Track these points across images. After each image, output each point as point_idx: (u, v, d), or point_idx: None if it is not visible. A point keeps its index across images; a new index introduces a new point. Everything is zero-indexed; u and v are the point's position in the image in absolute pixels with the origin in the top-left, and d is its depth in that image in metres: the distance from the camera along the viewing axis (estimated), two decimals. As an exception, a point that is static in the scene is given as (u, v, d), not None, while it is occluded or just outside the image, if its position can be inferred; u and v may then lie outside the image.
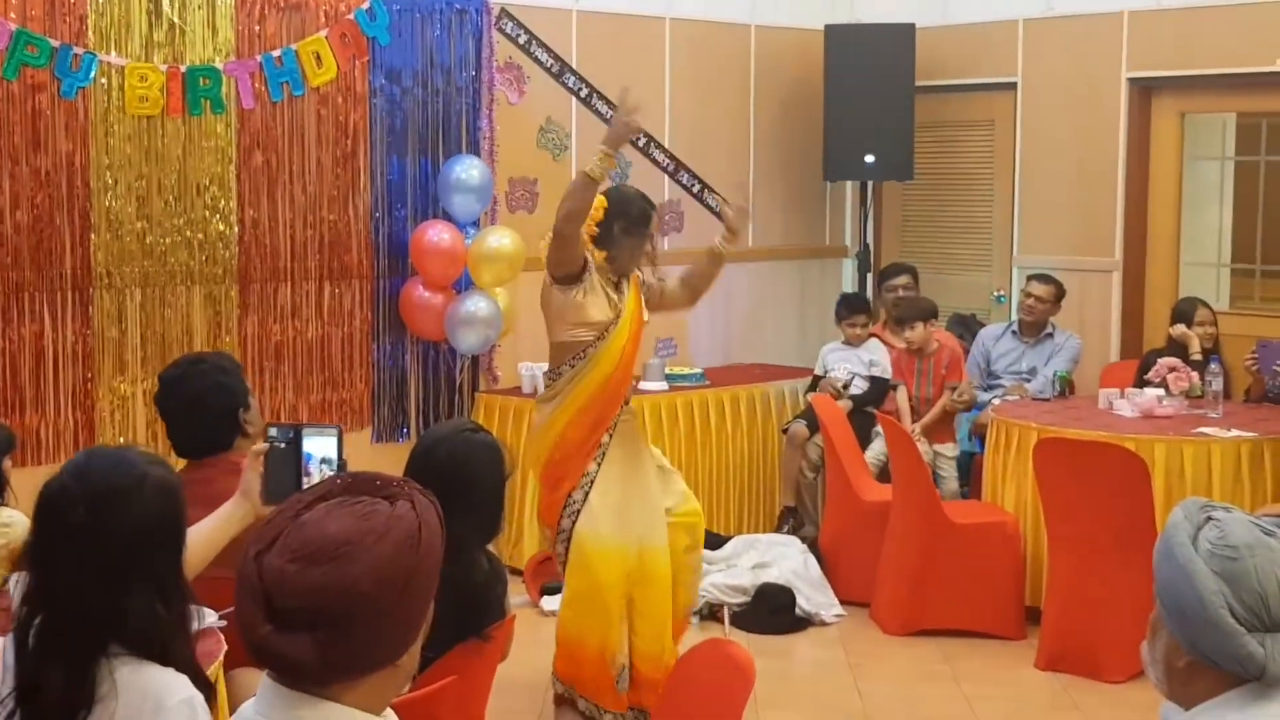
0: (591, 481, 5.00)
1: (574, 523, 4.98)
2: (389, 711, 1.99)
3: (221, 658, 3.19)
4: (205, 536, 3.24)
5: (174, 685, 2.47)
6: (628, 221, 5.08)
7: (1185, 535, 2.19)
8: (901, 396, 7.24)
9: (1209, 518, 2.22)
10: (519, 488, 6.76)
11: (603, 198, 5.09)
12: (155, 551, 2.56)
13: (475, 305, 6.96)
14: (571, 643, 4.99)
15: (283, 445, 3.30)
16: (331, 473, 3.26)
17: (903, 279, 7.98)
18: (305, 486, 3.23)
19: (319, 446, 3.31)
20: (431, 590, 1.94)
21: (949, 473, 7.09)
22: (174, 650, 2.52)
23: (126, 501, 2.55)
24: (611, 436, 5.05)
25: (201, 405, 3.86)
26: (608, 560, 4.94)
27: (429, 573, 1.92)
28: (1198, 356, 6.78)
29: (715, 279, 5.46)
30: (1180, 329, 7.06)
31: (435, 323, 7.01)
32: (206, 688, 2.54)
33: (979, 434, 7.13)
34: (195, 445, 3.89)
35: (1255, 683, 2.13)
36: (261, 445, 3.32)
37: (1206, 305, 7.19)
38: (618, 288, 5.13)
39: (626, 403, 5.18)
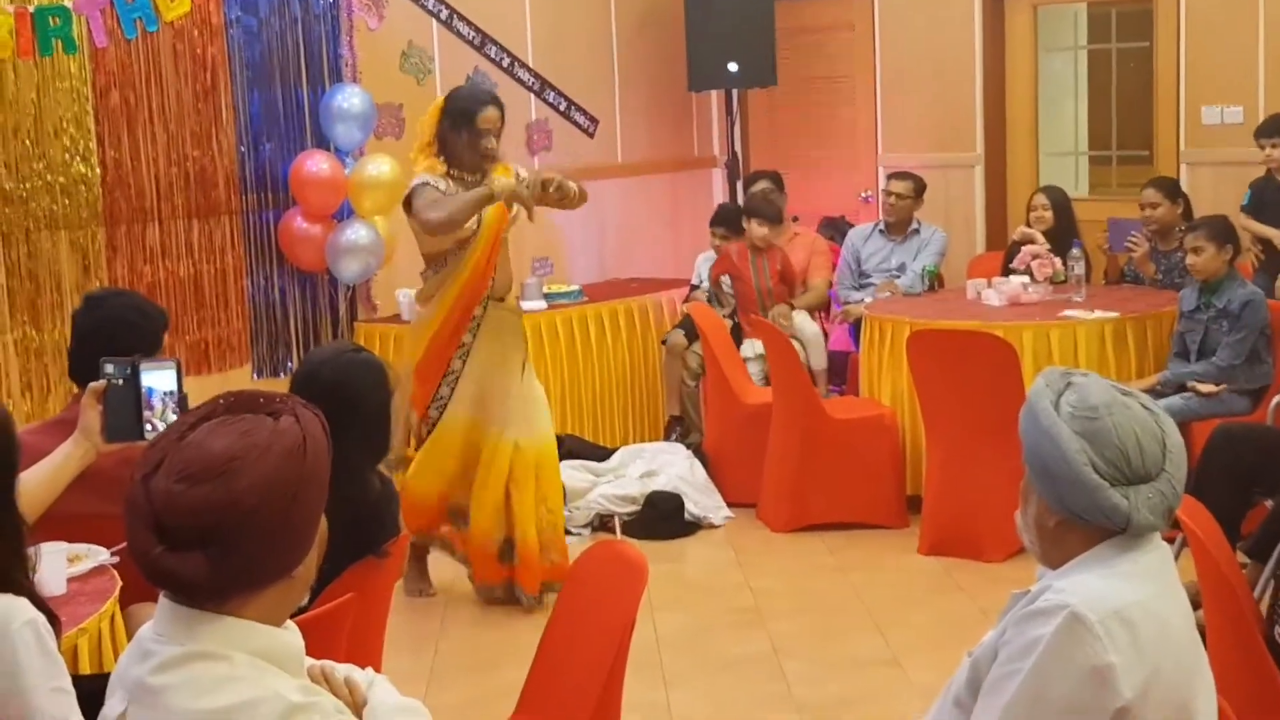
0: (457, 378, 5.40)
1: (440, 414, 5.42)
2: (289, 624, 2.01)
3: (116, 594, 3.19)
4: (46, 476, 3.19)
5: (16, 608, 2.46)
6: (452, 119, 5.28)
7: (1047, 401, 2.29)
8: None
9: (1069, 383, 2.33)
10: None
11: (441, 98, 5.37)
12: None
13: (356, 234, 6.92)
14: (415, 497, 5.35)
15: (120, 381, 3.24)
16: (174, 406, 3.24)
17: (763, 185, 8.05)
18: (147, 421, 3.22)
19: (158, 380, 3.25)
20: (321, 502, 1.97)
21: (802, 320, 7.28)
22: (12, 581, 2.51)
23: None
24: (475, 336, 5.38)
25: (108, 329, 3.68)
26: (453, 430, 5.39)
27: (317, 484, 1.94)
28: (1046, 246, 6.94)
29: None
30: (1021, 231, 7.23)
31: (316, 253, 6.96)
32: (51, 617, 2.53)
33: (853, 325, 7.26)
34: (89, 373, 3.76)
35: (1122, 535, 2.25)
36: (99, 382, 3.25)
37: (1043, 191, 7.37)
38: None
39: (500, 300, 5.43)
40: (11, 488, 2.61)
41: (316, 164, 6.86)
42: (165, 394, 3.24)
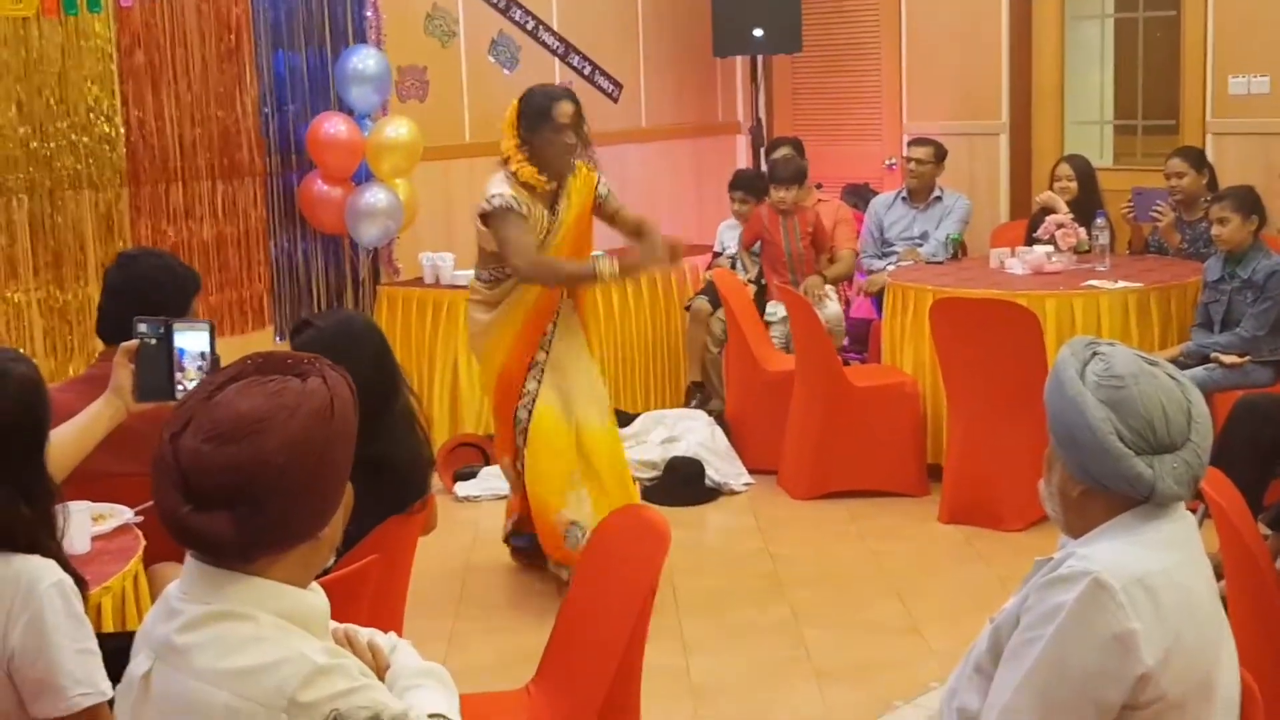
0: (542, 370, 5.17)
1: (530, 413, 5.15)
2: (315, 586, 2.02)
3: (140, 553, 3.21)
4: (75, 435, 3.19)
5: (44, 570, 2.49)
6: (528, 121, 5.06)
7: (1073, 370, 2.29)
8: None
9: (1095, 353, 2.32)
10: (425, 378, 6.80)
11: (515, 102, 5.13)
12: (16, 449, 2.55)
13: (375, 197, 6.92)
14: (539, 508, 5.15)
15: (153, 341, 3.23)
16: (205, 368, 3.23)
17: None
18: (179, 382, 3.22)
19: (191, 341, 3.25)
20: (348, 463, 1.97)
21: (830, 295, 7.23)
22: (41, 545, 2.53)
23: None
24: (555, 326, 5.20)
25: (136, 288, 3.70)
26: (556, 433, 5.14)
27: (344, 446, 1.95)
28: (1068, 214, 6.91)
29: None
30: (1045, 195, 7.20)
31: (336, 216, 6.96)
32: (78, 579, 2.55)
33: (874, 295, 7.24)
34: (115, 330, 3.65)
35: (1146, 504, 2.25)
36: (131, 341, 3.25)
37: (1067, 160, 7.33)
38: (553, 205, 5.12)
39: (569, 294, 5.27)
40: (42, 450, 2.63)
41: (334, 126, 6.86)
42: (198, 355, 3.24)
